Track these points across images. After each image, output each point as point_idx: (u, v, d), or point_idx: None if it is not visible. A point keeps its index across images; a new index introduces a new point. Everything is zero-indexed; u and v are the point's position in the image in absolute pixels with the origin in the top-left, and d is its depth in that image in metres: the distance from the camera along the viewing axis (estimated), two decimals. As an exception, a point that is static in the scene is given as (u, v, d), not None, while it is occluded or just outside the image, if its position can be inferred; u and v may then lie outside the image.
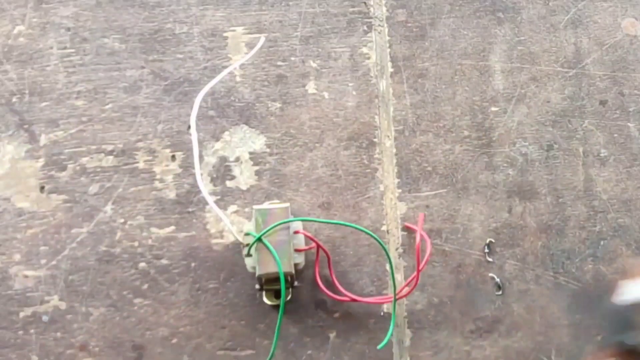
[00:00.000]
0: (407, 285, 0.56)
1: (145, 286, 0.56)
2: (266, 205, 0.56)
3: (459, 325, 0.58)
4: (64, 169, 0.58)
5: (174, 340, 0.56)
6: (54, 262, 0.57)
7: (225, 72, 0.56)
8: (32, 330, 0.55)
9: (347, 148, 0.60)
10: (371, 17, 0.62)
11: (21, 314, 0.56)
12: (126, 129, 0.59)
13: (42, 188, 0.58)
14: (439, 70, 0.62)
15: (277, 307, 0.55)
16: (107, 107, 0.59)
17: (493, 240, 0.59)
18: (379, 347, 0.56)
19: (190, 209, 0.58)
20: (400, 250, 0.59)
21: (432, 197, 0.60)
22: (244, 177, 0.59)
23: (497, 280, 0.58)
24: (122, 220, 0.58)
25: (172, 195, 0.58)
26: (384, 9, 0.62)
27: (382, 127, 0.61)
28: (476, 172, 0.61)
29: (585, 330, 0.58)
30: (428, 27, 0.62)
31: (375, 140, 0.61)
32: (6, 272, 0.56)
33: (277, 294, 0.55)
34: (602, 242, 0.60)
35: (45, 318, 0.56)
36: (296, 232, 0.54)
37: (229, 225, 0.54)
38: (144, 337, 0.56)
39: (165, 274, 0.57)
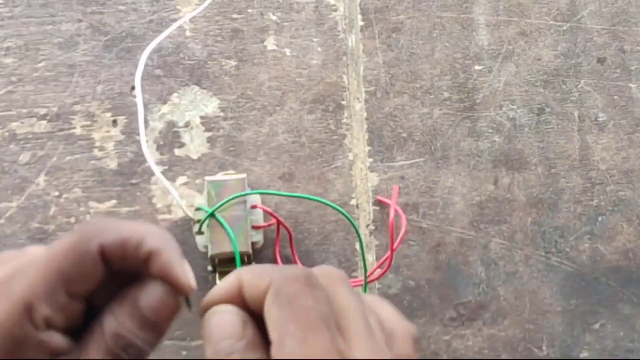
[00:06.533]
0: (379, 266, 0.56)
1: (83, 268, 0.54)
2: (220, 176, 0.54)
3: (438, 312, 0.57)
4: (-10, 135, 0.56)
5: (115, 329, 0.54)
6: (-23, 241, 0.54)
7: (173, 26, 0.55)
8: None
9: (311, 112, 0.58)
10: (341, -33, 0.61)
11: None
12: (61, 90, 0.57)
13: (-35, 157, 0.56)
14: (416, 24, 0.60)
15: (231, 291, 0.53)
16: (39, 65, 0.57)
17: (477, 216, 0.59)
18: (347, 336, 0.55)
19: (133, 181, 0.56)
20: (372, 227, 0.58)
21: (407, 167, 0.58)
22: (194, 144, 0.57)
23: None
24: (56, 194, 0.55)
25: (113, 165, 0.56)
26: (356, -43, 0.61)
27: (351, 88, 0.59)
28: (458, 139, 0.59)
29: (581, 318, 0.58)
30: (405, -22, 0.60)
31: (344, 102, 0.59)
32: None
33: (232, 277, 0.54)
34: (600, 218, 0.59)
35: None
36: (254, 207, 0.53)
37: (177, 199, 0.53)
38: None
39: (105, 254, 0.55)
